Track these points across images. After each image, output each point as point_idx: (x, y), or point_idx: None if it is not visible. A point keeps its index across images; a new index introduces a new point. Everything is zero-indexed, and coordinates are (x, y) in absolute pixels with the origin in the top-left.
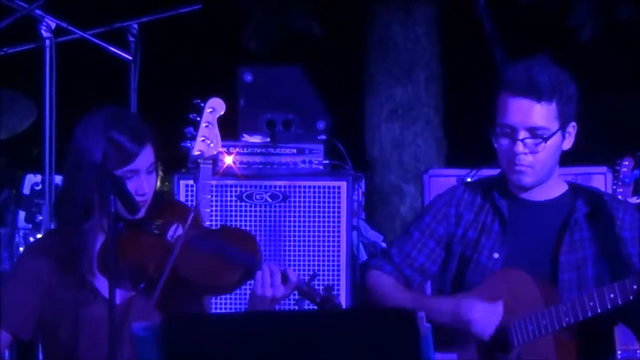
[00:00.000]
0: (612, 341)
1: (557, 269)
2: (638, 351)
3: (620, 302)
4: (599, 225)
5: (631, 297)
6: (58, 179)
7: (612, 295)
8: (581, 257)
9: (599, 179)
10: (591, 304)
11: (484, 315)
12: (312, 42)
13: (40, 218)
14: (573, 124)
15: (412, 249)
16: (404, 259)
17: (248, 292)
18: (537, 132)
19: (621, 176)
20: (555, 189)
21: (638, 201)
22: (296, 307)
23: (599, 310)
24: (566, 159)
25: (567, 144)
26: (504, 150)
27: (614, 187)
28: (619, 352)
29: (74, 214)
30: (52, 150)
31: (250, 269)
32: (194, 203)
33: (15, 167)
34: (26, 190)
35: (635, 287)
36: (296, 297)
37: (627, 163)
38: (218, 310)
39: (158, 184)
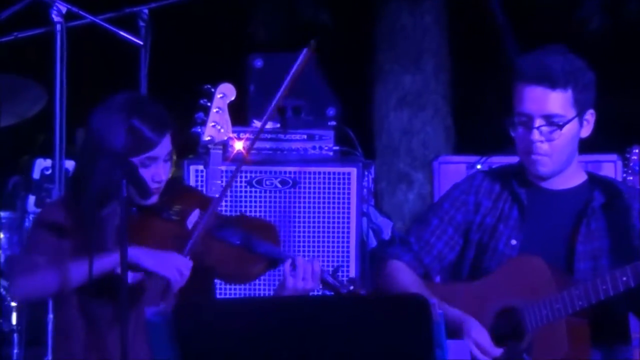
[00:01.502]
0: (626, 328)
1: (573, 257)
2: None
3: (633, 284)
4: (615, 216)
5: None
6: (68, 163)
7: (624, 278)
8: (597, 247)
9: (609, 167)
10: (604, 287)
11: (477, 347)
12: (321, 31)
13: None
14: (591, 111)
15: (430, 236)
16: (423, 247)
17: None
18: (553, 120)
19: (631, 164)
20: (574, 178)
21: None
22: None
23: (611, 293)
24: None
25: (586, 132)
26: (521, 138)
27: (624, 175)
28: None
29: (92, 201)
30: (63, 135)
31: (275, 261)
32: (204, 188)
33: (23, 152)
34: (36, 175)
35: None
36: (320, 289)
37: (637, 151)
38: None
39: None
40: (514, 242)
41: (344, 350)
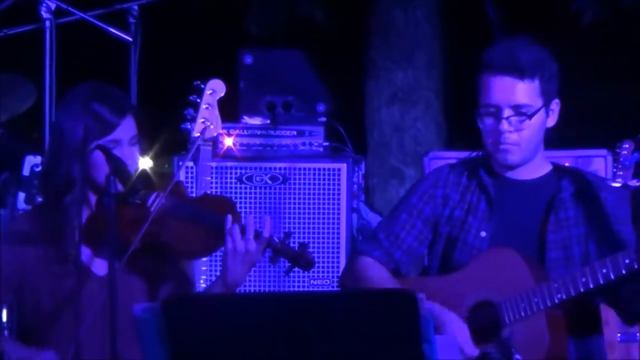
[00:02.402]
0: (598, 317)
1: (544, 247)
2: (638, 334)
3: (612, 276)
4: (586, 205)
5: (624, 272)
6: None
7: (604, 270)
8: (567, 236)
9: (599, 161)
10: (583, 279)
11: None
12: (313, 26)
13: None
14: (556, 101)
15: (400, 230)
16: (393, 242)
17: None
18: (522, 110)
19: (621, 159)
20: (540, 168)
21: (638, 184)
22: (271, 264)
23: (591, 286)
24: (566, 141)
25: (551, 121)
26: (489, 129)
27: (614, 170)
28: (619, 334)
29: (57, 188)
30: None
31: (218, 228)
32: (194, 185)
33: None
34: (26, 172)
35: (627, 261)
36: (270, 255)
37: (627, 146)
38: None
39: (141, 159)
40: (483, 234)
41: (332, 345)
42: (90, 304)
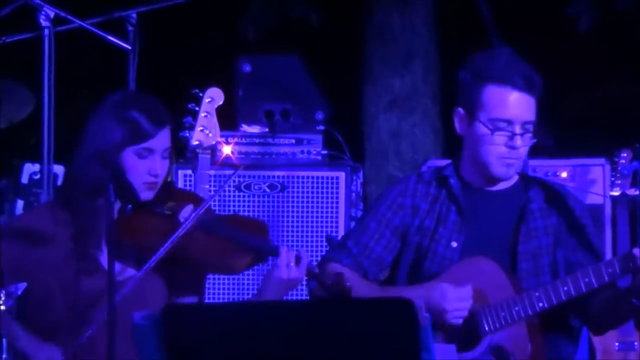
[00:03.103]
0: (568, 322)
1: (515, 258)
2: (636, 342)
3: (595, 285)
4: (553, 214)
5: (607, 280)
6: (57, 168)
7: (586, 280)
8: (536, 245)
9: (597, 170)
10: (565, 288)
11: (458, 302)
12: (310, 32)
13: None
14: None
15: (369, 239)
16: (362, 251)
17: (246, 281)
18: (528, 127)
19: (619, 168)
20: (509, 179)
21: (637, 193)
22: (307, 289)
23: (573, 294)
24: (563, 149)
25: None
26: (497, 143)
27: (612, 178)
28: (617, 344)
29: (86, 190)
30: (51, 140)
31: (261, 252)
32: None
33: (11, 156)
34: (24, 180)
35: (610, 270)
36: (307, 280)
37: (625, 155)
38: (215, 297)
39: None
40: (454, 244)
41: (330, 354)
42: (104, 304)
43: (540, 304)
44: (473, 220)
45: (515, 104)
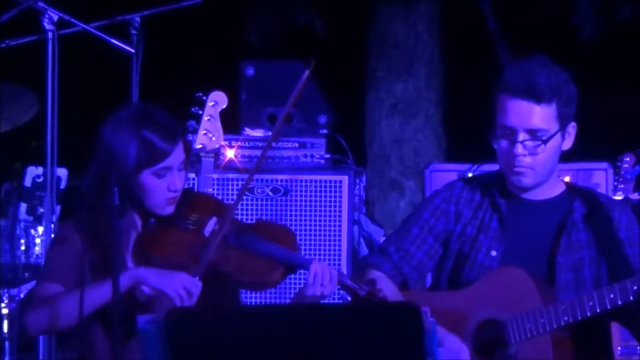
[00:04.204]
0: (609, 338)
1: (554, 269)
2: (638, 347)
3: (620, 302)
4: (597, 227)
5: (631, 298)
6: (60, 171)
7: (612, 296)
8: (578, 258)
9: (600, 175)
10: (590, 303)
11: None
12: (313, 37)
13: (42, 210)
14: (573, 124)
15: (410, 245)
16: (403, 257)
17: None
18: (537, 134)
19: (622, 172)
20: (554, 188)
21: (639, 197)
22: (340, 301)
23: (598, 310)
24: (567, 155)
25: (567, 144)
26: (504, 151)
27: (615, 183)
28: (619, 348)
29: (112, 215)
30: (54, 143)
31: (293, 267)
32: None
33: (15, 160)
34: (27, 183)
35: (635, 287)
36: (340, 292)
37: (628, 159)
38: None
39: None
40: (494, 253)
41: (335, 358)
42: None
43: (566, 318)
44: (514, 230)
45: (514, 111)
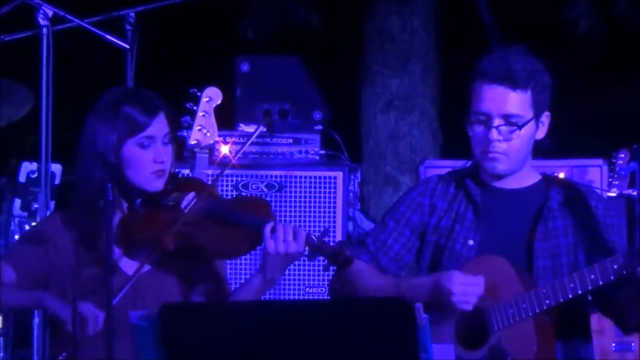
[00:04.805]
0: (587, 324)
1: (532, 255)
2: (633, 343)
3: (600, 282)
4: (574, 214)
5: (612, 277)
6: (54, 167)
7: (592, 276)
8: (555, 245)
9: (595, 171)
10: (572, 285)
11: (466, 286)
12: (309, 33)
13: (36, 206)
14: (547, 113)
15: (387, 237)
16: (380, 248)
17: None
18: (512, 120)
19: (617, 169)
20: (529, 178)
21: (634, 194)
22: (309, 262)
23: (579, 292)
24: (562, 151)
25: (540, 134)
26: (478, 137)
27: (610, 179)
28: (614, 344)
29: (90, 193)
30: (49, 139)
31: (255, 228)
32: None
33: (10, 155)
34: (22, 178)
35: (616, 266)
36: (307, 253)
37: (622, 156)
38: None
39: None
40: (471, 242)
41: (328, 354)
42: (120, 302)
43: (548, 302)
44: (490, 219)
45: (490, 96)
